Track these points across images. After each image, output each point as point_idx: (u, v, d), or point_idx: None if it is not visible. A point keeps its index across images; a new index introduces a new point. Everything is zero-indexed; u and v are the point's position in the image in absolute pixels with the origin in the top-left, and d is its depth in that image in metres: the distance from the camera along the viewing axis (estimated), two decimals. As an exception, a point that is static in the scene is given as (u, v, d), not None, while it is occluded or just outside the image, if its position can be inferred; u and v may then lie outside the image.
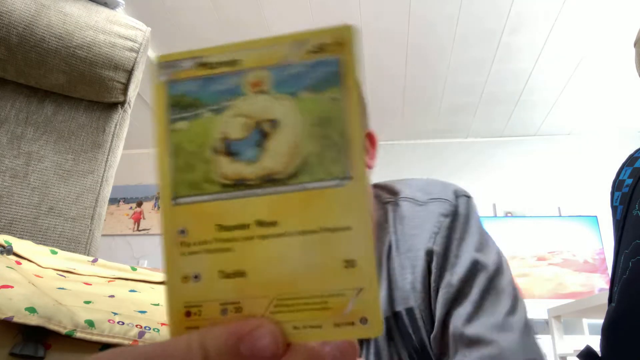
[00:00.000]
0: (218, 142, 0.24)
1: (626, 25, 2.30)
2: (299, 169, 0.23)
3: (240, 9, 2.31)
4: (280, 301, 0.22)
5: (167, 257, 0.24)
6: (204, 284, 0.23)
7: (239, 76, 0.25)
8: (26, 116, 1.17)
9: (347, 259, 0.22)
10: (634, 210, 0.77)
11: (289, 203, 0.23)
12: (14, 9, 1.09)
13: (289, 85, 0.24)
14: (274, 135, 0.23)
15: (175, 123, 0.25)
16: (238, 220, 0.23)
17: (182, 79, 0.26)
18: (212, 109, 0.25)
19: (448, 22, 2.36)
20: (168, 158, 0.25)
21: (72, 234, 1.14)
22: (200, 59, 0.27)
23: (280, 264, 0.22)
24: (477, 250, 0.59)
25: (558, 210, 3.29)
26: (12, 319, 0.54)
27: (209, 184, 0.24)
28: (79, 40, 1.15)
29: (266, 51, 0.25)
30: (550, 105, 3.09)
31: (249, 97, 0.24)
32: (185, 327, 0.23)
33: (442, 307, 0.56)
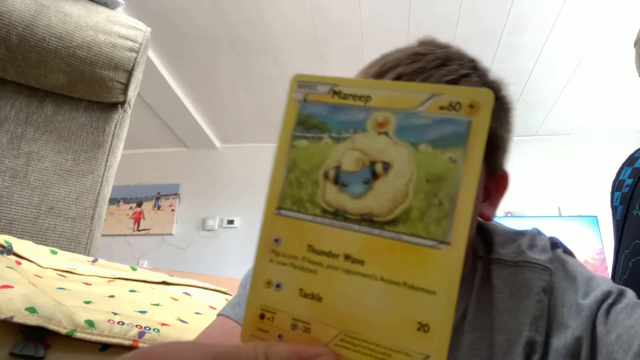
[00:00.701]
0: (330, 169, 0.25)
1: (626, 25, 2.30)
2: (400, 218, 0.23)
3: (240, 9, 2.31)
4: (347, 337, 0.23)
5: (258, 259, 0.25)
6: (283, 295, 0.24)
7: (366, 112, 0.25)
8: (26, 116, 1.17)
9: (422, 322, 0.22)
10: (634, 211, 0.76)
11: (380, 248, 0.23)
12: (14, 9, 1.09)
13: (412, 135, 0.24)
14: (383, 177, 0.24)
15: (298, 140, 0.26)
16: (329, 247, 0.24)
17: (314, 102, 0.27)
18: (333, 136, 0.26)
19: (448, 22, 2.36)
20: (283, 170, 0.26)
21: (72, 234, 1.14)
22: (334, 87, 0.27)
23: (356, 302, 0.23)
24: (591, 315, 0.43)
25: (558, 210, 3.29)
26: (12, 319, 0.54)
27: (311, 205, 0.25)
28: (79, 40, 1.15)
29: (398, 95, 0.25)
30: (550, 105, 3.09)
31: (370, 135, 0.25)
32: (257, 328, 0.25)
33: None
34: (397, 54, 0.48)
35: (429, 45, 0.50)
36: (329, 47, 2.60)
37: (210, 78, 2.91)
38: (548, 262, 0.48)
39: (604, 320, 0.42)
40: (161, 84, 2.86)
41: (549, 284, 0.46)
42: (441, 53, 0.48)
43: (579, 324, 0.42)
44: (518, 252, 0.49)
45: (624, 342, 0.39)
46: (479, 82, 0.47)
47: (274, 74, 2.84)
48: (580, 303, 0.44)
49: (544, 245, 0.50)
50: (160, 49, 2.65)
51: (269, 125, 3.50)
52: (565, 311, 0.44)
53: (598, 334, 0.41)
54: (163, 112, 3.27)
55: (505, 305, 0.47)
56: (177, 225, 3.60)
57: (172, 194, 3.68)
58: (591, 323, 0.42)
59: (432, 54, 0.47)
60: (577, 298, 0.45)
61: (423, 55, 0.47)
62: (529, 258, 0.48)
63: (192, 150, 3.84)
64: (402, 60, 0.47)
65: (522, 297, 0.46)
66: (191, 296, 0.94)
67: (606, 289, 0.44)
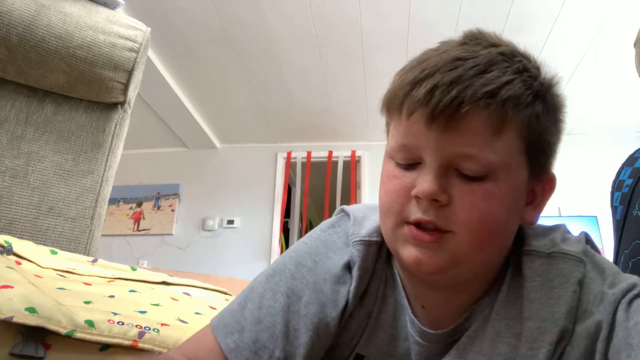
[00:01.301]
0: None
1: (626, 25, 2.30)
2: None
3: (240, 9, 2.31)
4: None
5: None
6: None
7: None
8: (26, 116, 1.17)
9: None
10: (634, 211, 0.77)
11: None
12: (14, 9, 1.09)
13: None
14: None
15: None
16: None
17: None
18: None
19: (448, 22, 2.36)
20: None
21: (72, 234, 1.14)
22: None
23: None
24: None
25: (558, 210, 3.29)
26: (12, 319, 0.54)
27: None
28: (79, 40, 1.15)
29: None
30: (550, 105, 3.10)
31: None
32: None
33: None
34: (437, 58, 0.45)
35: (473, 44, 0.47)
36: (329, 47, 2.60)
37: (210, 78, 2.91)
38: (582, 255, 0.48)
39: (626, 308, 0.42)
40: (161, 84, 2.86)
41: (584, 276, 0.46)
42: (483, 56, 0.45)
43: (601, 309, 0.43)
44: (552, 244, 0.49)
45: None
46: (524, 87, 0.45)
47: (274, 74, 2.84)
48: (606, 291, 0.44)
49: (578, 239, 0.50)
50: (160, 49, 2.65)
51: (269, 125, 3.50)
52: (590, 298, 0.45)
53: (618, 318, 0.42)
54: (163, 112, 3.27)
55: (537, 294, 0.47)
56: (177, 225, 3.60)
57: (172, 194, 3.68)
58: (613, 308, 0.43)
59: (473, 58, 0.44)
60: (603, 287, 0.45)
61: (463, 61, 0.44)
62: (563, 249, 0.48)
63: (192, 150, 3.84)
64: (441, 66, 0.44)
65: (557, 286, 0.46)
66: (191, 296, 0.94)
67: (633, 282, 0.45)
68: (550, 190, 0.52)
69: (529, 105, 0.45)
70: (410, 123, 0.45)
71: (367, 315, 0.54)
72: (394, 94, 0.47)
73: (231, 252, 3.45)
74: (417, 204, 0.45)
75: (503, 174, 0.44)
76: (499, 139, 0.44)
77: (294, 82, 2.93)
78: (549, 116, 0.48)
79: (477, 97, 0.42)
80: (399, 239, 0.47)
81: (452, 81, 0.43)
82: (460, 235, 0.44)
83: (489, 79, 0.43)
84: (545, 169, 0.51)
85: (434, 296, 0.51)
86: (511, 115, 0.44)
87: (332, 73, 2.80)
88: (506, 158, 0.44)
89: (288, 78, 2.89)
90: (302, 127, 3.51)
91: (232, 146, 3.82)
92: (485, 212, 0.44)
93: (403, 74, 0.47)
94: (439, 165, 0.44)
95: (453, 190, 0.44)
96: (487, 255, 0.47)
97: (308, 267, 0.55)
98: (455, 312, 0.51)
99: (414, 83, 0.45)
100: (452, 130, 0.43)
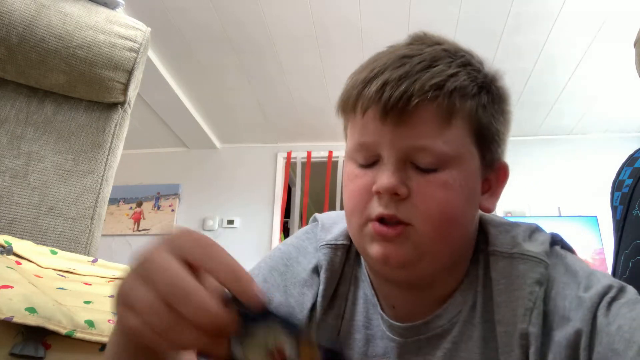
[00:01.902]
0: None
1: (626, 25, 2.30)
2: None
3: (240, 9, 2.31)
4: None
5: None
6: None
7: None
8: (26, 116, 1.17)
9: None
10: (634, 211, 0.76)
11: None
12: (14, 9, 1.09)
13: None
14: None
15: None
16: None
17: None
18: None
19: (448, 22, 2.36)
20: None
21: (72, 234, 1.14)
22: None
23: None
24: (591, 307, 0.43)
25: (558, 210, 3.29)
26: (12, 319, 0.54)
27: None
28: (79, 40, 1.15)
29: None
30: (550, 105, 3.09)
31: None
32: None
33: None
34: (385, 58, 0.48)
35: (419, 44, 0.50)
36: (329, 47, 2.60)
37: (210, 78, 2.91)
38: (543, 255, 0.48)
39: (605, 312, 0.42)
40: (161, 84, 2.86)
41: (544, 277, 0.46)
42: (428, 53, 0.47)
43: (580, 316, 0.43)
44: (513, 244, 0.49)
45: (624, 333, 0.40)
46: (468, 79, 0.47)
47: (274, 74, 2.84)
48: (582, 296, 0.44)
49: (543, 240, 0.50)
50: (160, 49, 2.65)
51: (269, 125, 3.50)
52: (566, 304, 0.45)
53: (599, 324, 0.42)
54: (163, 112, 3.26)
55: (502, 297, 0.47)
56: (177, 225, 3.60)
57: (172, 194, 3.68)
58: (592, 314, 0.42)
59: (419, 55, 0.47)
60: (578, 292, 0.45)
61: (410, 58, 0.46)
62: (524, 250, 0.48)
63: (192, 150, 3.84)
64: (389, 64, 0.46)
65: (516, 288, 0.47)
66: (191, 296, 0.94)
67: (607, 283, 0.44)
68: (504, 178, 0.53)
69: (474, 96, 0.47)
70: (365, 121, 0.47)
71: (338, 317, 0.55)
72: (348, 95, 0.49)
73: (231, 252, 3.41)
74: (378, 200, 0.46)
75: (456, 163, 0.46)
76: (448, 129, 0.46)
77: (294, 82, 2.93)
78: (495, 106, 0.50)
79: (424, 89, 0.44)
80: (365, 238, 0.48)
81: (400, 77, 0.45)
82: (422, 226, 0.45)
83: (435, 72, 0.45)
84: (497, 157, 0.52)
85: (403, 295, 0.52)
86: (458, 105, 0.46)
87: (332, 73, 2.80)
88: (457, 148, 0.46)
89: (288, 78, 2.89)
90: (302, 127, 3.51)
91: (232, 146, 3.82)
92: (443, 202, 0.45)
93: (355, 75, 0.50)
94: (396, 159, 0.45)
95: (411, 183, 0.45)
96: (449, 245, 0.48)
97: (280, 271, 0.56)
98: (426, 311, 0.51)
99: (365, 82, 0.47)
100: (405, 123, 0.45)
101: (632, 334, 0.39)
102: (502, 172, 0.53)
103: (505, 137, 0.52)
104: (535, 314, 0.45)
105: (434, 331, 0.50)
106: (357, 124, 0.48)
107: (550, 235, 0.52)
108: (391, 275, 0.50)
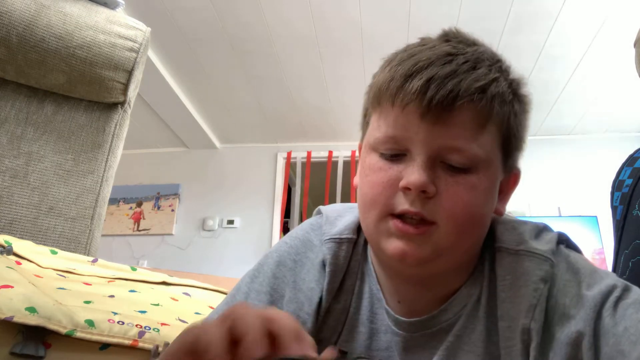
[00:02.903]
0: None
1: (626, 25, 2.30)
2: None
3: (240, 10, 2.31)
4: None
5: None
6: None
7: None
8: (26, 116, 1.17)
9: None
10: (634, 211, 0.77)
11: None
12: (14, 9, 1.10)
13: None
14: None
15: None
16: None
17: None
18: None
19: (448, 23, 2.36)
20: None
21: (72, 234, 1.14)
22: None
23: None
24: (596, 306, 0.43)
25: (558, 210, 3.29)
26: (12, 319, 0.54)
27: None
28: (79, 40, 1.15)
29: None
30: (550, 105, 3.09)
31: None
32: None
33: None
34: (428, 52, 0.46)
35: (457, 42, 0.49)
36: (329, 48, 2.60)
37: (211, 78, 2.91)
38: (550, 253, 0.48)
39: (612, 313, 0.42)
40: (161, 84, 2.86)
41: (549, 274, 0.46)
42: (471, 54, 0.47)
43: (582, 315, 0.43)
44: (519, 241, 0.49)
45: (631, 335, 0.40)
46: (506, 84, 0.47)
47: (274, 74, 2.84)
48: (584, 294, 0.44)
49: (549, 238, 0.50)
50: (160, 49, 2.65)
51: (269, 125, 3.50)
52: (567, 301, 0.45)
53: (605, 325, 0.42)
54: (163, 112, 3.26)
55: (507, 293, 0.47)
56: (177, 225, 3.60)
57: (172, 194, 3.68)
58: (595, 314, 0.42)
59: (463, 54, 0.46)
60: (580, 289, 0.45)
61: (454, 56, 0.46)
62: (530, 247, 0.48)
63: (192, 150, 3.84)
64: (434, 60, 0.45)
65: (522, 285, 0.47)
66: (191, 296, 0.94)
67: (611, 283, 0.44)
68: (515, 183, 0.54)
69: (509, 103, 0.47)
70: (402, 115, 0.45)
71: (344, 311, 0.55)
72: (386, 86, 0.47)
73: (231, 252, 3.45)
74: (404, 196, 0.45)
75: (485, 167, 0.46)
76: (483, 133, 0.45)
77: (294, 82, 2.93)
78: (523, 114, 0.51)
79: (470, 91, 0.44)
80: (382, 232, 0.47)
81: (446, 75, 0.44)
82: (445, 226, 0.45)
83: (480, 75, 0.45)
84: (515, 164, 0.53)
85: (410, 291, 0.52)
86: (496, 111, 0.46)
87: (332, 73, 2.80)
88: (488, 152, 0.46)
89: (288, 78, 2.89)
90: (302, 127, 3.51)
91: (232, 146, 3.82)
92: (469, 204, 0.45)
93: (394, 66, 0.48)
94: (427, 157, 0.44)
95: (439, 182, 0.45)
96: (467, 245, 0.48)
97: (288, 267, 0.56)
98: (431, 306, 0.51)
99: (407, 75, 0.45)
100: (444, 122, 0.44)
101: (638, 336, 0.39)
102: (514, 178, 0.53)
103: (524, 145, 0.53)
104: (538, 310, 0.45)
105: (439, 325, 0.50)
106: (390, 116, 0.46)
107: (557, 234, 0.52)
108: (405, 272, 0.50)
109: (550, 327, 0.45)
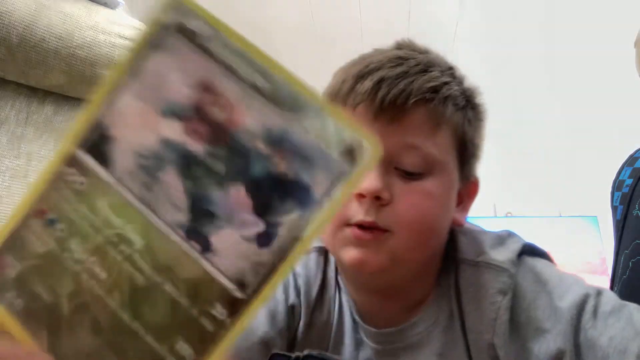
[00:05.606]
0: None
1: (626, 25, 2.30)
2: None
3: (240, 9, 2.31)
4: None
5: None
6: None
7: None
8: (26, 116, 1.17)
9: None
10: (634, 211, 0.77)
11: None
12: (14, 9, 1.09)
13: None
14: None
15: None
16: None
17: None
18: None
19: (448, 23, 2.36)
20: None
21: (72, 234, 1.14)
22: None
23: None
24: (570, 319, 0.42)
25: (558, 211, 3.29)
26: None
27: None
28: (79, 40, 1.15)
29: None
30: (550, 105, 3.10)
31: None
32: None
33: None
34: (379, 56, 0.48)
35: (409, 49, 0.50)
36: (329, 47, 2.60)
37: (210, 78, 2.92)
38: (508, 264, 0.47)
39: (593, 325, 0.41)
40: (161, 84, 2.87)
41: (507, 286, 0.45)
42: (422, 58, 0.47)
43: (559, 330, 0.42)
44: (479, 252, 0.49)
45: (618, 344, 0.39)
46: (458, 90, 0.48)
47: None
48: (558, 306, 0.43)
49: (512, 248, 0.49)
50: (160, 49, 2.65)
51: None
52: (539, 314, 0.44)
53: (589, 338, 0.41)
54: (163, 112, 3.27)
55: (471, 306, 0.47)
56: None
57: (172, 194, 3.69)
58: (573, 328, 0.42)
59: (414, 58, 0.47)
60: (552, 301, 0.44)
61: (405, 60, 0.46)
62: (489, 259, 0.48)
63: (192, 150, 3.85)
64: (385, 63, 0.46)
65: (481, 297, 0.46)
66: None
67: (582, 292, 0.43)
68: (474, 194, 0.53)
69: (463, 109, 0.48)
70: (354, 116, 0.45)
71: (327, 325, 0.53)
72: (337, 89, 0.48)
73: (231, 252, 3.45)
74: (359, 205, 0.44)
75: (440, 171, 0.45)
76: (438, 133, 0.45)
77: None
78: (477, 122, 0.51)
79: (422, 90, 0.44)
80: (339, 242, 0.46)
81: (398, 75, 0.44)
82: (400, 233, 0.44)
83: (432, 76, 0.45)
84: (473, 172, 0.52)
85: (374, 301, 0.51)
86: (449, 113, 0.46)
87: (331, 71, 2.80)
88: (444, 154, 0.46)
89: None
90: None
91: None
92: (425, 212, 0.44)
93: (345, 70, 0.49)
94: (381, 162, 0.44)
95: (394, 189, 0.44)
96: (424, 254, 0.47)
97: None
98: (400, 319, 0.50)
99: (359, 77, 0.46)
100: (399, 122, 0.44)
101: (626, 345, 0.39)
102: (473, 188, 0.53)
103: (480, 153, 0.52)
104: (499, 324, 0.44)
105: (410, 340, 0.49)
106: None
107: (521, 243, 0.50)
108: (365, 283, 0.49)
109: (525, 343, 0.43)
